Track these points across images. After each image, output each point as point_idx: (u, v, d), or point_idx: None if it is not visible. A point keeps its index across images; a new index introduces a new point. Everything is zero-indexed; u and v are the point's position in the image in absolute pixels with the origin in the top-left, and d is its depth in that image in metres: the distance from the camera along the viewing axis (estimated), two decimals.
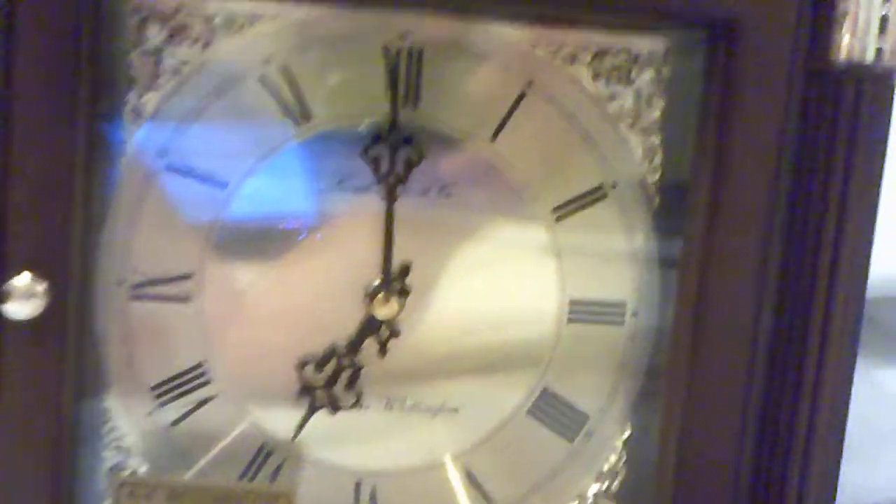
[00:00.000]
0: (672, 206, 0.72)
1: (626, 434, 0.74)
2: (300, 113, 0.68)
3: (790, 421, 0.69)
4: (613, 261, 0.72)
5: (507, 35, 0.69)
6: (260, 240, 0.69)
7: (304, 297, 0.70)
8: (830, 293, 0.67)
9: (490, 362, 0.72)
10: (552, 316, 0.72)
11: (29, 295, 0.61)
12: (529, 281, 0.72)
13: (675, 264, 0.71)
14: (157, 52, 0.67)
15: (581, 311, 0.72)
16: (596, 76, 0.70)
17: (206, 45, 0.67)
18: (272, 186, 0.69)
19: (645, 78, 0.71)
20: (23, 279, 0.61)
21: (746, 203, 0.67)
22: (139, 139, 0.67)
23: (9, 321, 0.62)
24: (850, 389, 0.70)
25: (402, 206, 0.70)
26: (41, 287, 0.62)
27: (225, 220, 0.69)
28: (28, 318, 0.62)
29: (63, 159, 0.62)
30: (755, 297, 0.68)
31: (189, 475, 0.70)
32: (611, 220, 0.72)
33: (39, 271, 0.62)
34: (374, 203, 0.69)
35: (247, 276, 0.70)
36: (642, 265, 0.72)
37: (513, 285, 0.72)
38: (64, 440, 0.65)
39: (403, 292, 0.70)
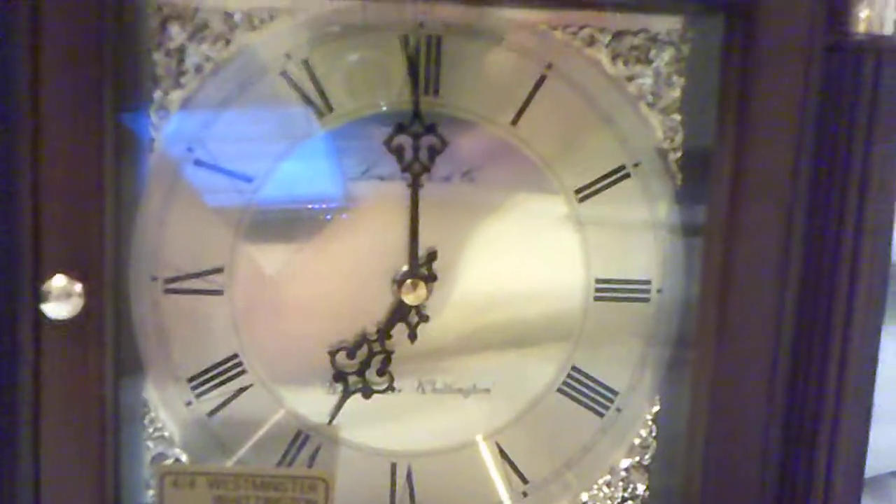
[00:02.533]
0: (694, 183, 0.72)
1: (656, 408, 0.76)
2: (323, 105, 0.69)
3: (819, 387, 0.70)
4: (637, 239, 0.73)
5: (524, 18, 0.70)
6: (288, 231, 0.71)
7: (333, 284, 0.72)
8: (855, 260, 0.68)
9: (519, 342, 0.74)
10: (578, 295, 0.73)
11: (66, 295, 0.63)
12: (555, 261, 0.73)
13: (698, 239, 0.71)
14: (180, 51, 0.68)
15: (607, 290, 0.73)
16: (615, 57, 0.71)
17: (227, 42, 0.68)
18: (298, 178, 0.70)
19: (664, 57, 0.71)
20: (59, 281, 0.63)
21: (769, 176, 0.68)
22: (166, 136, 0.69)
23: (49, 321, 0.63)
24: (877, 352, 0.70)
25: (427, 192, 0.71)
26: (78, 287, 0.63)
27: (253, 213, 0.70)
28: (67, 318, 0.63)
29: (92, 161, 0.64)
30: (780, 266, 0.69)
31: (228, 463, 0.72)
32: (634, 198, 0.72)
33: (74, 273, 0.63)
34: (398, 190, 0.70)
35: (277, 267, 0.71)
36: (666, 242, 0.73)
37: (538, 266, 0.73)
38: (107, 433, 0.67)
39: (431, 277, 0.71)
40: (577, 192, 0.72)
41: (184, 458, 0.72)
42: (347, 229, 0.71)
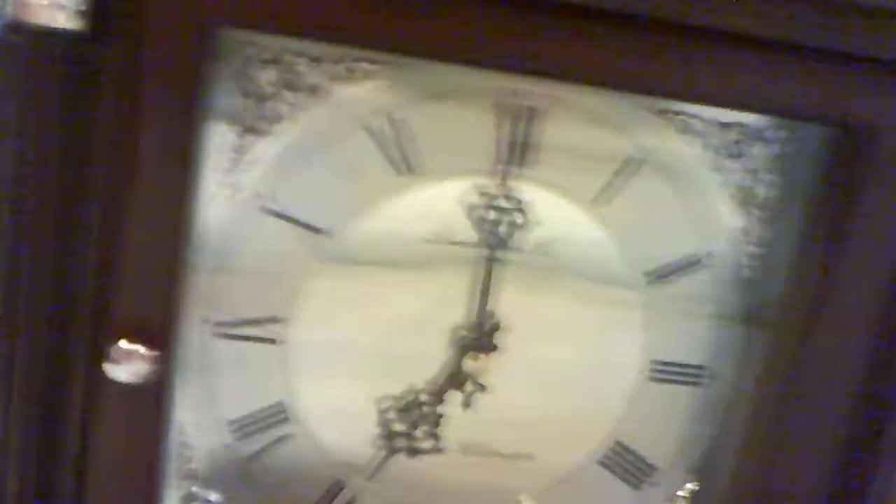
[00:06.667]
0: (763, 280, 0.71)
1: (694, 486, 0.75)
2: (404, 165, 0.66)
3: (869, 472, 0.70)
4: (698, 325, 0.72)
5: (622, 100, 0.67)
6: (353, 286, 0.68)
7: (391, 341, 0.70)
8: None
9: (568, 414, 0.73)
10: (633, 373, 0.73)
11: (132, 358, 0.60)
12: (615, 340, 0.72)
13: (755, 330, 0.71)
14: (264, 97, 0.64)
15: (662, 372, 0.73)
16: (706, 147, 0.69)
17: (313, 92, 0.64)
18: (370, 235, 0.67)
19: (756, 154, 0.69)
20: (127, 345, 0.60)
21: (853, 303, 0.67)
22: (238, 180, 0.65)
23: (108, 380, 0.61)
24: None
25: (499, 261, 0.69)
26: (144, 352, 0.61)
27: (319, 265, 0.67)
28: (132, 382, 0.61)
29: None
30: (850, 383, 0.69)
31: None
32: (701, 287, 0.71)
33: (141, 338, 0.61)
34: (471, 255, 0.68)
35: (336, 320, 0.69)
36: (725, 330, 0.72)
37: (599, 344, 0.72)
38: (155, 476, 0.65)
39: (491, 348, 0.70)
40: (646, 274, 0.71)
41: (213, 497, 0.71)
42: (413, 290, 0.69)
